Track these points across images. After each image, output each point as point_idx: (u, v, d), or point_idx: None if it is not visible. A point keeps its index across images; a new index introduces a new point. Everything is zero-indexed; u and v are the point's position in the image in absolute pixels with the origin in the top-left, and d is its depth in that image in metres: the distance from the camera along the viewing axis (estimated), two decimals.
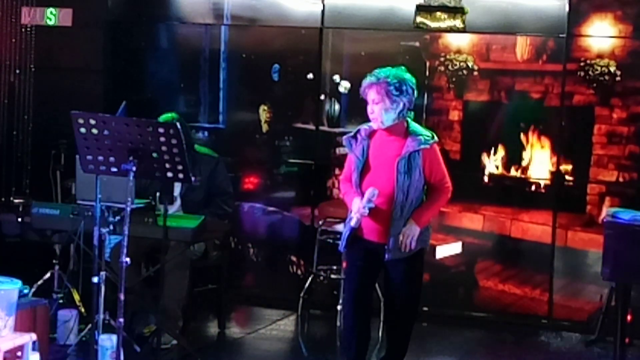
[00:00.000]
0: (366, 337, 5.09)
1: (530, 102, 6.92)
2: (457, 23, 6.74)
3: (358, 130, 5.00)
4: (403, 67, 5.06)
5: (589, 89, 6.78)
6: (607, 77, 6.72)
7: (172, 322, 5.82)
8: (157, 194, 5.80)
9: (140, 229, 5.50)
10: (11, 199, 7.33)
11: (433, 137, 4.96)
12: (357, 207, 4.84)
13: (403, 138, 4.91)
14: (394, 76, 4.96)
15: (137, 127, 4.71)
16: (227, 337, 6.34)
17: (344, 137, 5.08)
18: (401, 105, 4.90)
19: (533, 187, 6.93)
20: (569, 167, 6.85)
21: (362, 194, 4.85)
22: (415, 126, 4.98)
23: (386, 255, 4.87)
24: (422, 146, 4.88)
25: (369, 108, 4.92)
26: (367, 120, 5.06)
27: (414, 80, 5.02)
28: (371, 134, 4.97)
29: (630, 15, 6.70)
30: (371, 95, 4.91)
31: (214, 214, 6.02)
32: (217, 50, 7.56)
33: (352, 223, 4.88)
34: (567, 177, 6.86)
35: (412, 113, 5.05)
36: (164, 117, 6.06)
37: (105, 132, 4.73)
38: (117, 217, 5.31)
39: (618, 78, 6.71)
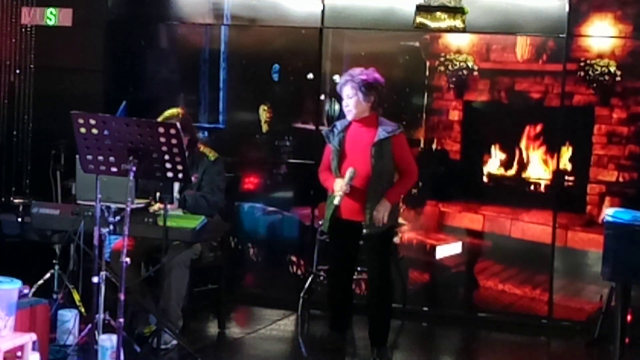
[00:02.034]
0: (348, 300, 5.98)
1: (530, 102, 6.92)
2: (457, 23, 6.74)
3: (334, 125, 5.84)
4: (373, 68, 5.85)
5: (589, 89, 6.78)
6: (607, 77, 6.73)
7: (172, 322, 5.82)
8: (157, 194, 5.80)
9: (140, 229, 5.51)
10: (11, 199, 7.33)
11: (400, 127, 5.76)
12: (340, 186, 5.61)
13: (374, 129, 5.70)
14: (366, 74, 5.79)
15: (137, 127, 4.71)
16: (227, 337, 6.34)
17: (323, 130, 5.93)
18: (372, 99, 5.73)
19: (533, 187, 6.93)
20: (569, 167, 6.85)
21: (341, 177, 5.61)
22: (383, 119, 5.78)
23: (364, 230, 5.63)
24: (391, 134, 5.67)
25: (344, 102, 5.75)
26: None
27: (382, 80, 5.80)
28: (346, 127, 5.78)
29: (630, 15, 6.71)
30: (346, 91, 5.74)
31: (197, 202, 5.95)
32: (217, 50, 7.56)
33: (336, 201, 5.62)
34: (567, 177, 6.86)
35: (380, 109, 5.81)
36: (170, 112, 6.05)
37: (105, 132, 4.73)
38: (117, 217, 5.31)
39: (618, 78, 6.71)
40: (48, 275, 6.42)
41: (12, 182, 7.84)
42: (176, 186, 5.93)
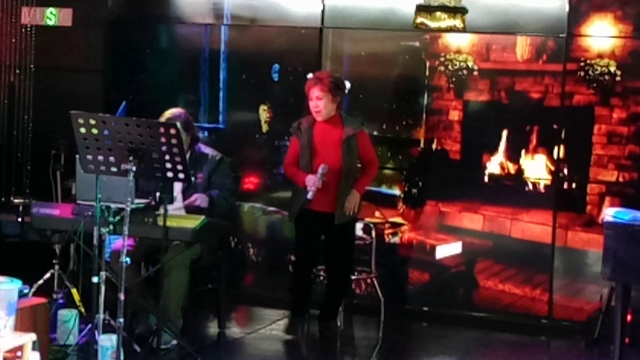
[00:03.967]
0: (310, 287, 6.45)
1: (530, 102, 6.92)
2: (457, 23, 6.74)
3: (300, 122, 6.24)
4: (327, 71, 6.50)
5: (589, 89, 6.78)
6: (607, 77, 6.73)
7: (172, 322, 5.82)
8: (157, 194, 5.81)
9: (140, 229, 5.51)
10: (11, 199, 7.33)
11: (363, 123, 6.34)
12: (313, 181, 6.00)
13: (340, 126, 6.18)
14: (333, 77, 6.22)
15: (137, 127, 4.71)
16: (227, 337, 6.34)
17: (291, 127, 6.31)
18: (338, 100, 6.17)
19: (533, 187, 6.93)
20: (569, 167, 6.85)
21: (313, 173, 6.02)
22: (347, 117, 6.29)
23: (336, 220, 6.10)
24: (357, 129, 6.18)
25: (313, 103, 6.13)
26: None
27: (346, 83, 6.27)
28: (312, 124, 6.19)
29: (630, 15, 6.70)
30: (315, 93, 6.13)
31: (220, 203, 6.05)
32: (217, 50, 7.56)
33: (309, 196, 5.99)
34: (567, 177, 6.86)
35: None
36: (171, 111, 6.09)
37: (105, 132, 4.73)
38: (117, 217, 5.31)
39: (618, 78, 6.71)
40: (48, 275, 6.42)
41: (12, 182, 7.84)
42: (178, 186, 5.94)
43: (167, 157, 4.77)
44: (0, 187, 7.83)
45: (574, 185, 6.85)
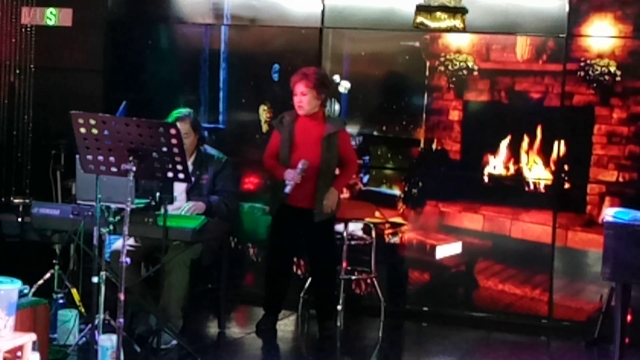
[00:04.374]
0: (286, 285, 6.45)
1: (530, 102, 6.92)
2: (457, 23, 6.74)
3: (282, 116, 6.29)
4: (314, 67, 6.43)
5: (589, 89, 6.78)
6: (607, 77, 6.73)
7: (172, 322, 5.82)
8: (157, 194, 5.81)
9: (140, 229, 5.51)
10: (11, 199, 7.33)
11: (345, 122, 6.43)
12: (292, 176, 6.01)
13: (322, 123, 6.20)
14: (319, 72, 6.28)
15: (137, 127, 4.71)
16: (227, 337, 6.34)
17: (273, 121, 6.42)
18: (323, 97, 6.19)
19: (533, 187, 6.93)
20: (569, 167, 6.85)
21: (292, 168, 6.03)
22: (329, 116, 6.39)
23: (315, 218, 6.11)
24: (339, 128, 6.24)
25: (297, 99, 6.17)
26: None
27: (331, 80, 6.47)
28: (294, 119, 6.22)
29: (630, 15, 6.70)
30: (300, 89, 6.16)
31: (219, 208, 6.05)
32: (217, 50, 7.56)
33: (287, 190, 5.99)
34: (567, 177, 6.86)
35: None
36: (179, 111, 6.13)
37: (105, 132, 4.73)
38: (117, 217, 5.31)
39: (618, 78, 6.71)
40: (48, 275, 6.42)
41: (12, 182, 7.84)
42: (182, 186, 5.93)
43: (167, 157, 4.77)
44: (0, 187, 7.83)
45: (574, 185, 6.85)
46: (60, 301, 6.16)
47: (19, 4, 7.84)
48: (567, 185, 6.87)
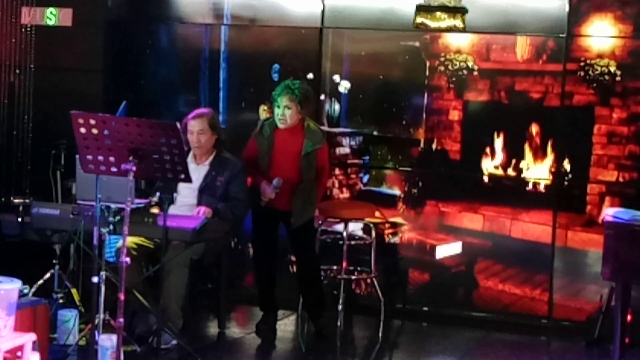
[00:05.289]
0: (274, 281, 6.54)
1: (530, 102, 6.92)
2: (457, 23, 6.74)
3: (263, 125, 6.32)
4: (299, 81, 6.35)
5: (589, 89, 6.78)
6: (607, 77, 6.72)
7: (172, 322, 5.82)
8: (157, 194, 5.81)
9: (140, 229, 5.51)
10: (11, 199, 7.33)
11: (324, 137, 6.35)
12: (267, 192, 6.16)
13: (301, 137, 6.21)
14: (303, 87, 6.24)
15: (137, 127, 4.71)
16: (227, 337, 6.34)
17: (253, 132, 6.37)
18: (304, 111, 6.23)
19: (533, 187, 6.93)
20: (569, 167, 6.85)
21: (269, 179, 6.17)
22: (309, 128, 6.26)
23: (293, 225, 6.23)
24: (317, 146, 6.23)
25: (279, 111, 6.18)
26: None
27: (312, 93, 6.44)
28: (273, 131, 6.26)
29: (630, 15, 6.70)
30: (283, 102, 6.15)
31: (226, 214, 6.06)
32: (217, 50, 7.56)
33: (262, 204, 6.20)
34: (567, 177, 6.86)
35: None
36: (200, 110, 6.29)
37: (105, 132, 4.73)
38: (117, 217, 5.31)
39: (618, 78, 6.70)
40: (48, 275, 6.42)
41: (12, 182, 7.84)
42: (196, 180, 5.93)
43: (167, 157, 4.77)
44: (0, 187, 7.83)
45: (574, 185, 6.85)
46: (60, 301, 6.17)
47: (19, 4, 7.84)
48: (567, 185, 6.87)
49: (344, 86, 7.21)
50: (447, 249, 7.09)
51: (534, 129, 6.90)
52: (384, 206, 7.16)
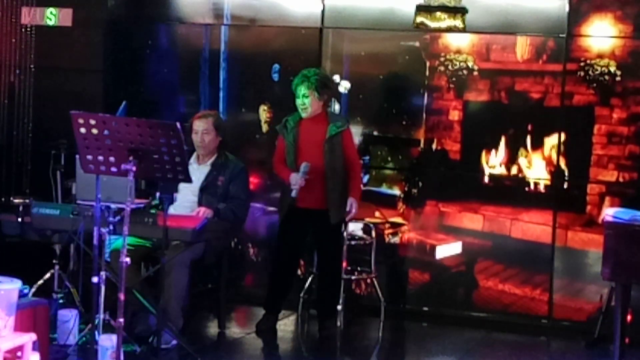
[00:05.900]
0: (289, 284, 6.53)
1: (530, 102, 6.92)
2: (457, 23, 6.74)
3: (286, 120, 6.34)
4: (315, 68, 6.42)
5: (589, 89, 6.78)
6: (607, 77, 6.72)
7: (172, 322, 5.82)
8: (157, 193, 5.81)
9: (140, 229, 5.51)
10: (11, 199, 7.33)
11: (347, 122, 6.40)
12: (296, 180, 6.11)
13: (325, 125, 6.24)
14: (320, 74, 6.31)
15: (137, 127, 4.70)
16: (227, 337, 6.34)
17: (277, 126, 6.45)
18: (325, 98, 6.27)
19: (533, 187, 6.93)
20: (569, 167, 6.85)
21: (296, 171, 6.12)
22: (333, 114, 6.43)
23: (332, 219, 6.19)
24: (341, 129, 6.23)
25: (300, 101, 6.24)
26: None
27: (333, 79, 6.59)
28: (298, 122, 6.29)
29: (630, 15, 6.70)
30: (302, 91, 6.23)
31: (227, 214, 6.07)
32: (217, 50, 7.56)
33: (293, 194, 6.09)
34: (567, 177, 6.86)
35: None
36: (205, 111, 6.51)
37: (105, 132, 4.73)
38: (117, 217, 5.31)
39: (618, 78, 6.71)
40: (48, 275, 6.42)
41: (12, 182, 7.84)
42: (197, 180, 5.94)
43: (167, 157, 4.76)
44: (0, 187, 7.83)
45: (574, 185, 6.85)
46: (60, 301, 6.17)
47: (19, 4, 7.84)
48: (567, 186, 6.87)
49: (344, 86, 7.21)
50: (447, 249, 7.09)
51: (534, 129, 6.90)
52: (384, 206, 7.16)
